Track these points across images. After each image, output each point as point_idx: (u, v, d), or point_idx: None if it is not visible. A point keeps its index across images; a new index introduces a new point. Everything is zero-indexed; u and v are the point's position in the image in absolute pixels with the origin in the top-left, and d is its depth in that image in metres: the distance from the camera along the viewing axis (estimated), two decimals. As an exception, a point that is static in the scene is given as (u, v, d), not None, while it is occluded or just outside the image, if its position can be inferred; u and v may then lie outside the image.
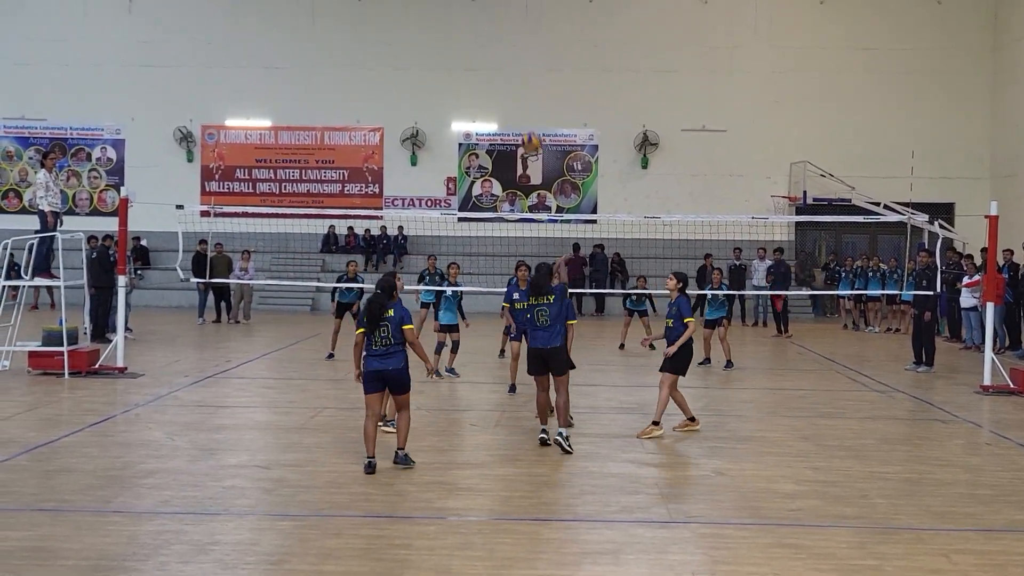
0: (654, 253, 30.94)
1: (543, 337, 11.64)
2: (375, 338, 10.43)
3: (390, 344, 10.43)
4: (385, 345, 10.42)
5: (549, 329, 11.62)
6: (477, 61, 33.94)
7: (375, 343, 10.44)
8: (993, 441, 12.75)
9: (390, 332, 10.42)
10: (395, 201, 34.33)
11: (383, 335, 10.43)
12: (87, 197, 34.94)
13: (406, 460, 10.55)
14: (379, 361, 10.42)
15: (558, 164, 34.36)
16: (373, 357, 10.45)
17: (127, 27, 34.25)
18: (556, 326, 11.65)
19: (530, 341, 11.96)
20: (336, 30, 34.14)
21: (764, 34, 33.69)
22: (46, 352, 16.56)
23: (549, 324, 11.63)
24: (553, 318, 11.66)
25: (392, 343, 10.44)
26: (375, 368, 10.43)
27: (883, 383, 17.30)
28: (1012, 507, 9.49)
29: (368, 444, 10.37)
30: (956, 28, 33.35)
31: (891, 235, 32.40)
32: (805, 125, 33.29)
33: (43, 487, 9.63)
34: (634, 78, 33.64)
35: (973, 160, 33.26)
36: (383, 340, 10.42)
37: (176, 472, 10.22)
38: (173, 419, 13.12)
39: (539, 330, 11.68)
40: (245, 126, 34.57)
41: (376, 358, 10.43)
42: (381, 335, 10.43)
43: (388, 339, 10.43)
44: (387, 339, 10.43)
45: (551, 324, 11.63)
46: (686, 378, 12.96)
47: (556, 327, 11.65)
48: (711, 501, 9.57)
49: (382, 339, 10.43)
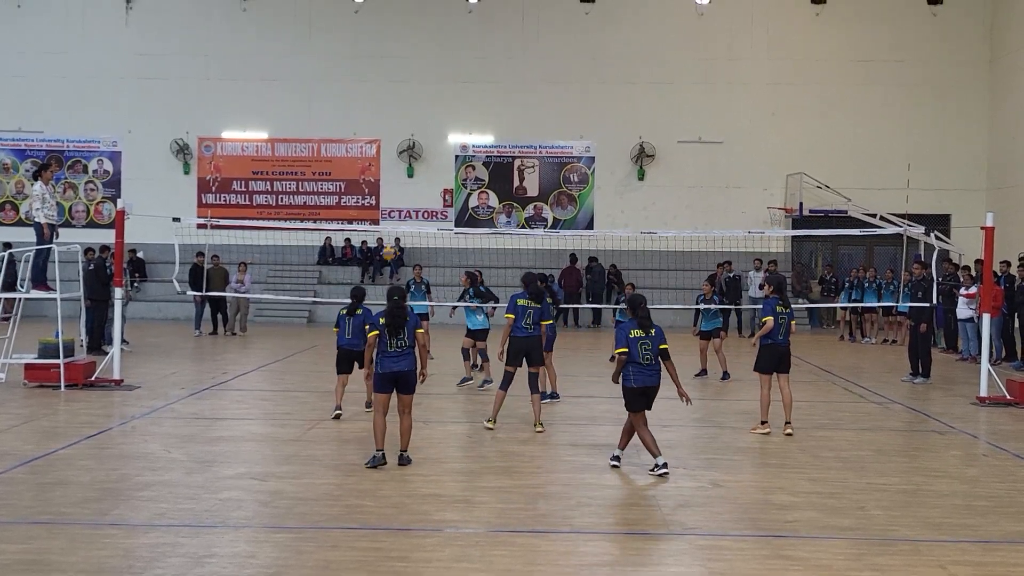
0: (651, 265, 30.94)
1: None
2: (391, 341, 11.05)
3: (405, 347, 11.11)
4: (401, 348, 11.09)
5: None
6: (474, 73, 33.99)
7: (391, 345, 11.05)
8: (990, 452, 12.76)
9: (406, 335, 11.11)
10: (392, 213, 34.33)
11: (400, 337, 11.08)
12: (84, 209, 34.92)
13: (407, 460, 11.15)
14: (394, 362, 11.05)
15: (555, 176, 34.38)
16: (389, 358, 11.06)
17: (124, 40, 34.27)
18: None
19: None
20: (333, 43, 34.18)
21: (761, 46, 33.76)
22: (42, 364, 16.54)
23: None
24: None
25: (407, 346, 11.12)
26: (391, 369, 11.05)
27: (880, 394, 17.30)
28: (1009, 519, 9.49)
29: (377, 436, 11.01)
30: (953, 40, 33.43)
31: (887, 247, 32.42)
32: (801, 137, 33.35)
33: (39, 500, 9.61)
34: (631, 90, 33.70)
35: (969, 172, 33.31)
36: (399, 343, 11.08)
37: (172, 484, 10.20)
38: (169, 431, 13.10)
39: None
40: (242, 138, 34.57)
41: (391, 359, 11.05)
42: (398, 338, 11.07)
43: (404, 341, 11.10)
44: (403, 341, 11.10)
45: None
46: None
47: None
48: (708, 513, 9.56)
49: (398, 341, 11.07)
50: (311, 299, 30.31)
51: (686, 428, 14.02)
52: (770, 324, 13.24)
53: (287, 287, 32.22)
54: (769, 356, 13.45)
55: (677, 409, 15.60)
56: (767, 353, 13.46)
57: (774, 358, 13.45)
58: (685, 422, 14.38)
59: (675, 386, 11.11)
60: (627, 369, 10.98)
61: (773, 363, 13.46)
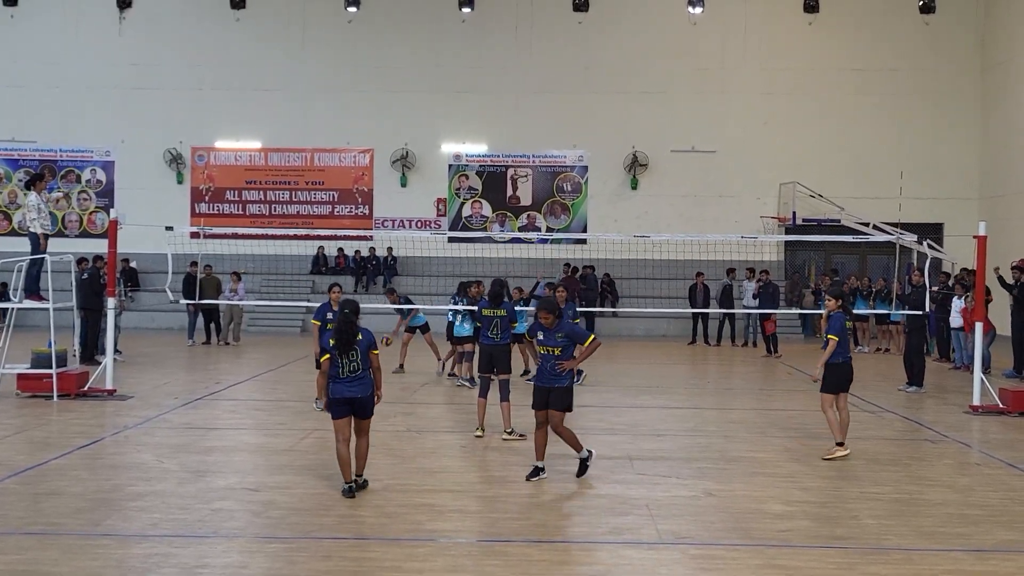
0: (644, 274, 30.96)
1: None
2: (343, 364, 10.08)
3: (358, 370, 10.13)
4: (353, 371, 10.12)
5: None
6: (467, 83, 34.04)
7: (343, 370, 10.09)
8: (983, 461, 12.76)
9: (359, 357, 10.13)
10: (385, 222, 34.34)
11: (352, 359, 10.10)
12: (77, 219, 34.90)
13: (364, 484, 10.40)
14: (348, 387, 10.12)
15: (548, 185, 34.43)
16: (342, 383, 10.12)
17: (117, 49, 34.30)
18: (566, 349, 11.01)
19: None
20: (327, 52, 34.23)
21: (754, 55, 33.86)
22: (35, 374, 16.51)
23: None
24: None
25: (361, 368, 10.14)
26: (345, 396, 10.11)
27: (873, 403, 17.30)
28: (1002, 527, 9.50)
29: (344, 469, 10.18)
30: (945, 50, 33.56)
31: (881, 255, 32.50)
32: (794, 146, 33.44)
33: (32, 510, 9.59)
34: (624, 99, 33.78)
35: (962, 180, 33.43)
36: (352, 365, 10.11)
37: (165, 495, 10.18)
38: (162, 441, 13.08)
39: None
40: (235, 148, 34.59)
41: (345, 384, 10.12)
42: (350, 359, 10.10)
43: (357, 364, 10.12)
44: (356, 363, 10.12)
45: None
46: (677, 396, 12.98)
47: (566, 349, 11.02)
48: (701, 522, 9.56)
49: (350, 364, 10.11)
50: (304, 305, 30.20)
51: (679, 437, 14.02)
52: (833, 345, 12.52)
53: (280, 297, 32.18)
54: (838, 375, 12.65)
55: (669, 419, 15.65)
56: (837, 372, 12.64)
57: (843, 376, 12.68)
58: (678, 431, 14.39)
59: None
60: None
61: (843, 382, 12.70)
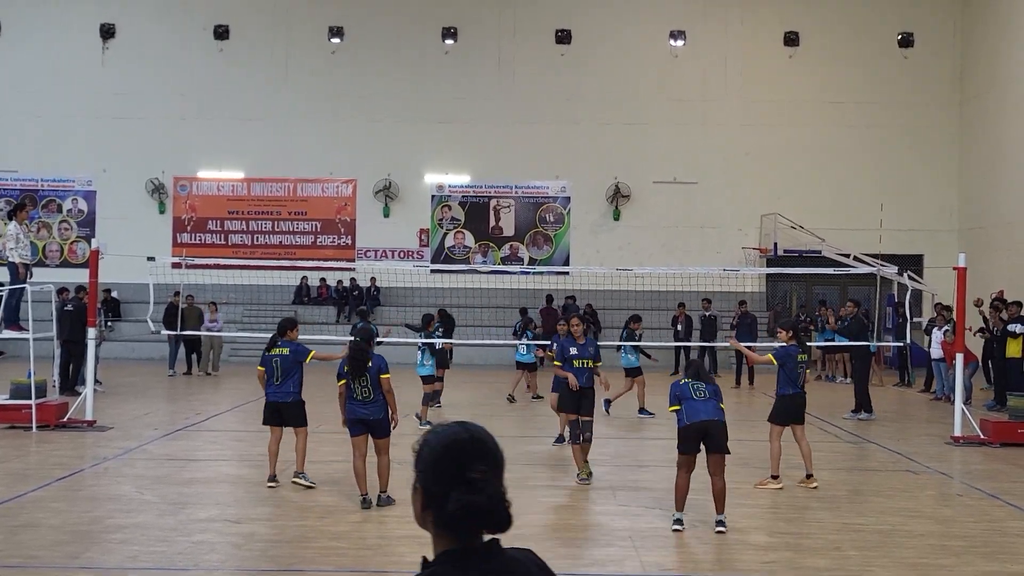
0: (626, 305, 30.94)
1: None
2: (356, 388, 10.83)
3: (369, 396, 10.85)
4: (364, 396, 10.85)
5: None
6: (450, 113, 34.13)
7: (356, 393, 10.85)
8: (964, 492, 12.79)
9: (369, 383, 10.82)
10: (368, 253, 34.32)
11: (363, 385, 10.82)
12: (58, 248, 34.77)
13: (388, 500, 10.95)
14: (362, 408, 10.89)
15: (530, 216, 34.50)
16: (356, 404, 10.90)
17: (100, 79, 34.26)
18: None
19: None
20: (310, 82, 34.27)
21: (734, 87, 34.07)
22: (14, 405, 16.39)
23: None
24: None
25: (372, 394, 10.85)
26: (359, 416, 10.89)
27: (854, 434, 17.34)
28: (984, 558, 9.51)
29: (360, 482, 10.89)
30: (924, 82, 33.83)
31: (861, 286, 32.60)
32: (775, 177, 33.60)
33: (9, 543, 9.49)
34: (606, 131, 33.91)
35: (941, 212, 33.63)
36: (363, 391, 10.84)
37: (145, 527, 10.10)
38: (142, 473, 12.99)
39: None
40: (217, 178, 34.55)
41: (359, 405, 10.89)
42: (361, 385, 10.83)
43: (368, 389, 10.83)
44: (367, 389, 10.83)
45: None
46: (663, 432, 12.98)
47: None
48: (684, 553, 9.54)
49: (362, 389, 10.84)
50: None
51: (661, 468, 14.00)
52: (766, 359, 12.95)
53: (263, 327, 32.05)
54: (787, 407, 12.71)
55: (652, 449, 15.63)
56: (785, 404, 12.71)
57: (792, 409, 12.71)
58: (660, 462, 14.37)
59: None
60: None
61: (791, 415, 12.72)
